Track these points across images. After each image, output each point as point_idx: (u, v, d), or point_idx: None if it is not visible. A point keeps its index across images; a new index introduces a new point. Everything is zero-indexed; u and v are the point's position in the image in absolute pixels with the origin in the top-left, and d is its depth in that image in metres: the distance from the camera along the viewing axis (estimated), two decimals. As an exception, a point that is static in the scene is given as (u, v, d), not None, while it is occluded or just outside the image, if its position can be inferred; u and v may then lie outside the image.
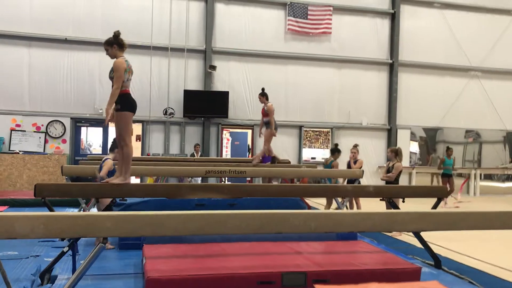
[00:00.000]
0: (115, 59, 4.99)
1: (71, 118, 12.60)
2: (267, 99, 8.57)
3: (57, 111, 12.46)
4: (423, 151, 15.31)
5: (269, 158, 8.64)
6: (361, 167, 8.82)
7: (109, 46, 4.98)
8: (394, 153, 8.17)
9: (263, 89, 8.68)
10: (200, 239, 5.44)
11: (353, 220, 3.52)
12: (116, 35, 5.00)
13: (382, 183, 8.81)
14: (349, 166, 9.09)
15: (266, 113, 8.53)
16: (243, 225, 3.32)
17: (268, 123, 8.58)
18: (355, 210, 8.47)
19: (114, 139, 5.98)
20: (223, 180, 11.44)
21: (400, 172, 8.03)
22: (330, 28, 13.94)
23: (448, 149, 11.82)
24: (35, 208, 8.07)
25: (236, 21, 13.51)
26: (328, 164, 9.07)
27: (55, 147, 12.39)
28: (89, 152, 13.18)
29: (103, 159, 6.07)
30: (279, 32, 13.80)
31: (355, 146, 9.22)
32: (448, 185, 11.00)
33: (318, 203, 10.92)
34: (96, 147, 13.86)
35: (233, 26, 13.49)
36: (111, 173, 5.67)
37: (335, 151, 9.04)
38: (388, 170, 8.22)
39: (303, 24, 13.79)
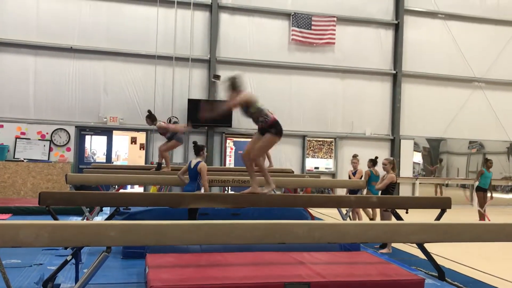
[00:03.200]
0: (238, 98, 4.92)
1: (76, 127, 12.66)
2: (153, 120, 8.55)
3: (62, 119, 12.53)
4: (427, 162, 15.29)
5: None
6: (361, 177, 8.78)
7: (230, 91, 5.03)
8: (391, 164, 7.71)
9: (149, 111, 8.73)
10: (203, 248, 5.44)
11: (357, 231, 3.51)
12: (233, 79, 5.03)
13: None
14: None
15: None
16: (246, 235, 3.32)
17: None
18: (358, 220, 8.44)
19: (196, 143, 6.74)
20: (227, 189, 11.44)
21: (394, 183, 7.61)
22: (334, 38, 14.00)
23: (487, 160, 11.16)
24: (39, 216, 8.11)
25: (241, 31, 13.60)
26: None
27: (59, 155, 12.44)
28: (93, 161, 13.23)
29: (196, 163, 6.42)
30: (283, 42, 13.87)
31: (355, 156, 9.19)
32: (484, 200, 10.81)
33: (321, 213, 10.92)
34: (100, 156, 13.90)
35: (238, 36, 13.57)
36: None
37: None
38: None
39: (307, 34, 13.85)
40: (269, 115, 4.94)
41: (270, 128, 4.92)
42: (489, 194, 11.03)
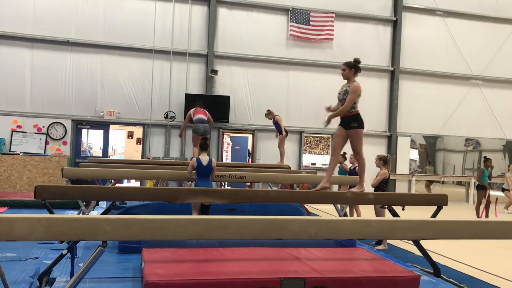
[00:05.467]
0: (354, 83, 5.39)
1: (72, 120, 12.61)
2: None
3: (58, 113, 12.47)
4: (423, 159, 15.32)
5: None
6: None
7: (348, 68, 5.42)
8: (382, 161, 7.68)
9: None
10: (199, 243, 5.43)
11: (354, 227, 3.51)
12: (358, 61, 5.46)
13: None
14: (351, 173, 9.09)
15: None
16: (243, 231, 3.31)
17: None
18: (355, 217, 8.46)
19: (205, 139, 6.84)
20: (223, 184, 11.45)
21: (386, 180, 7.59)
22: (332, 34, 13.98)
23: (486, 159, 11.11)
24: (35, 210, 8.09)
25: (239, 26, 13.55)
26: None
27: (55, 149, 12.40)
28: (89, 155, 13.19)
29: (209, 160, 6.59)
30: (281, 37, 13.84)
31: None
32: (484, 199, 10.72)
33: (317, 209, 10.93)
34: (96, 150, 13.87)
35: (236, 31, 13.53)
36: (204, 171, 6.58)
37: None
38: None
39: (305, 30, 13.82)
40: (356, 107, 5.33)
41: (352, 122, 5.32)
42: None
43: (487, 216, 10.86)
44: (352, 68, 5.42)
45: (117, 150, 16.80)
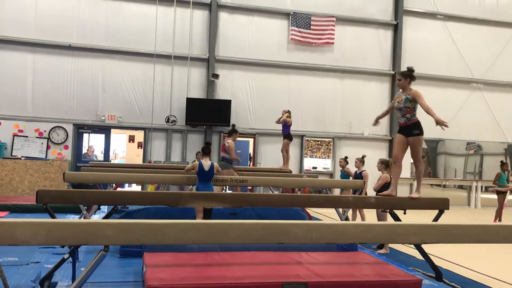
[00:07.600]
0: (413, 90, 5.60)
1: (74, 124, 12.63)
2: None
3: (60, 117, 12.50)
4: (424, 163, 15.29)
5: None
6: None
7: (403, 78, 5.55)
8: (384, 164, 7.70)
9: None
10: (200, 247, 5.43)
11: (355, 232, 3.51)
12: (412, 70, 5.60)
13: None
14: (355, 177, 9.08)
15: None
16: (244, 235, 3.31)
17: None
18: (357, 221, 8.44)
19: (208, 144, 6.99)
20: (225, 188, 11.42)
21: (388, 183, 7.42)
22: (333, 38, 14.00)
23: (503, 163, 11.20)
24: (36, 214, 8.08)
25: (240, 30, 13.59)
26: None
27: (57, 153, 12.41)
28: (95, 159, 13.17)
29: (210, 164, 6.69)
30: (282, 41, 13.87)
31: (363, 157, 9.27)
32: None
33: (319, 213, 10.92)
34: (98, 154, 13.87)
35: (237, 35, 13.56)
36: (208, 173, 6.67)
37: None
38: None
39: (306, 34, 13.85)
40: (415, 115, 5.58)
41: (415, 129, 5.62)
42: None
43: (500, 219, 10.84)
44: (408, 77, 5.54)
45: (118, 154, 16.80)
